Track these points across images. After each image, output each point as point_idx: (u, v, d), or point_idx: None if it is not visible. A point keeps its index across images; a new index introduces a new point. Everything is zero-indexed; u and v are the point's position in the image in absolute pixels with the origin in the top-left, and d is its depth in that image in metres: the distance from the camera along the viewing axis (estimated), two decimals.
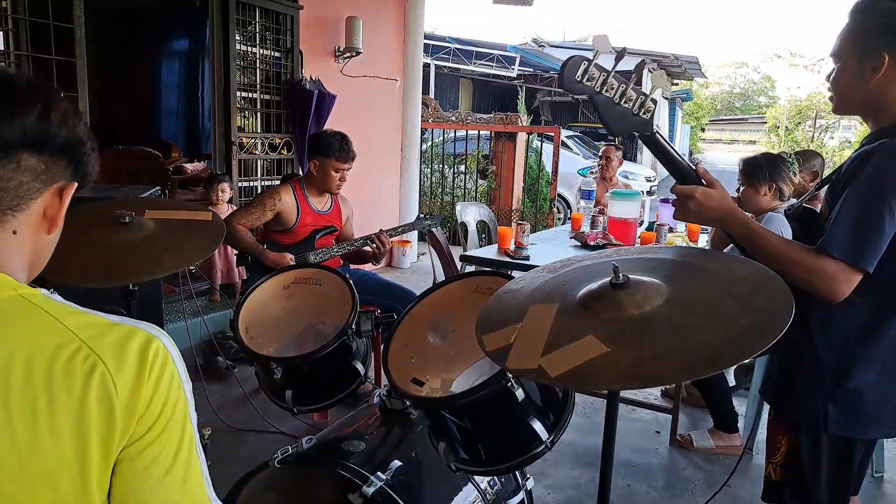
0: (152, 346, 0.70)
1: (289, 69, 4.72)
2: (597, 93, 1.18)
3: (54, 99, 0.72)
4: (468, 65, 12.64)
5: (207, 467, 0.76)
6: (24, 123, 0.68)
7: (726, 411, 2.85)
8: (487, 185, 7.88)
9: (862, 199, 1.21)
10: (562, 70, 1.16)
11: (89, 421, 0.66)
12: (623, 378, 0.95)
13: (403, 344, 1.54)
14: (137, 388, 0.68)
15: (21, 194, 0.70)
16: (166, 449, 0.70)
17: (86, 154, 0.76)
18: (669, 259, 1.26)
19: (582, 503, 2.42)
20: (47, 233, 0.75)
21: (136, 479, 0.69)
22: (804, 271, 1.22)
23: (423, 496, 1.51)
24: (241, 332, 1.74)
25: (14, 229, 0.71)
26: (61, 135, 0.72)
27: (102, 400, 0.66)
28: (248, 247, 2.88)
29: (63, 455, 0.65)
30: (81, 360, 0.66)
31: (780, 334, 0.93)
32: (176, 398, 0.71)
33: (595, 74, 1.17)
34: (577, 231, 3.76)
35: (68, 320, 0.69)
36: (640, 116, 1.22)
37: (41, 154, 0.70)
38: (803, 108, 24.11)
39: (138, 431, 0.69)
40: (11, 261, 0.71)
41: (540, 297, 1.22)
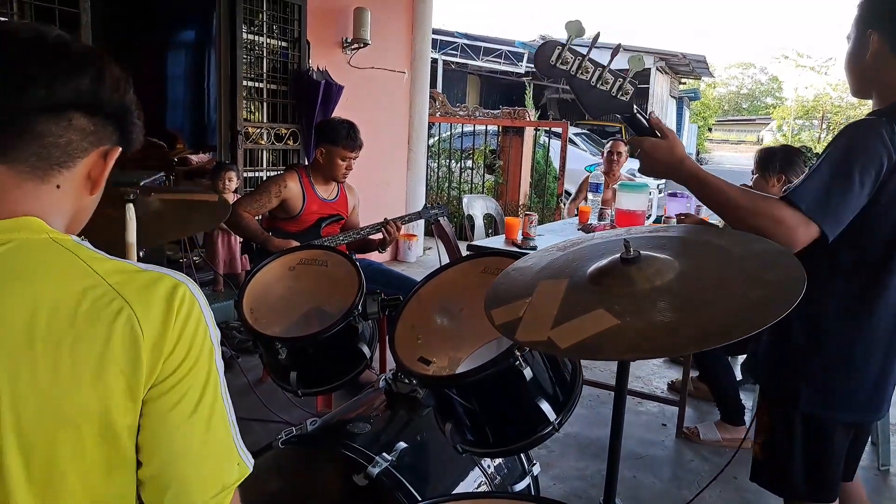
0: (179, 291, 0.72)
1: (296, 59, 4.70)
2: (572, 76, 1.19)
3: (108, 65, 0.76)
4: (476, 60, 12.61)
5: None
6: (80, 85, 0.72)
7: (733, 404, 2.82)
8: (494, 179, 7.86)
9: (832, 164, 1.21)
10: (536, 54, 1.17)
11: (113, 363, 0.67)
12: (632, 349, 0.94)
13: (410, 325, 1.53)
14: (163, 330, 0.70)
15: (69, 151, 0.73)
16: (191, 391, 0.72)
17: (132, 122, 0.80)
18: (680, 236, 1.24)
19: (588, 494, 2.40)
20: (90, 193, 0.78)
21: (161, 420, 0.70)
22: (762, 217, 1.20)
23: (429, 478, 1.49)
24: (246, 312, 1.73)
25: (59, 184, 0.74)
26: (112, 100, 0.75)
27: (128, 342, 0.68)
28: (253, 233, 2.86)
29: (85, 397, 0.67)
30: (107, 303, 0.68)
31: (791, 306, 0.92)
32: (202, 343, 0.73)
33: (569, 59, 1.18)
34: (584, 223, 3.74)
35: (97, 265, 0.71)
36: (619, 99, 1.23)
37: (92, 116, 0.74)
38: (810, 109, 23.99)
39: (164, 373, 0.70)
40: (51, 213, 0.74)
41: (549, 273, 1.20)
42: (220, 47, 4.30)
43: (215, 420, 0.73)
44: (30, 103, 0.69)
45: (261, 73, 4.56)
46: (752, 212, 1.21)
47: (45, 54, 0.71)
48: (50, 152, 0.71)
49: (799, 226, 1.18)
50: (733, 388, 2.84)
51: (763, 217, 1.20)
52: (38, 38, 0.71)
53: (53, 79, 0.70)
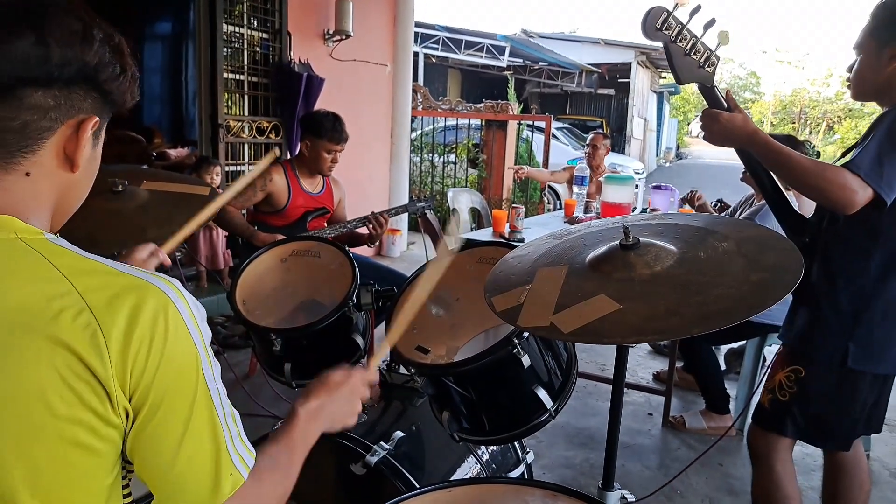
0: (152, 301, 0.64)
1: (277, 51, 4.65)
2: (672, 42, 1.30)
3: (52, 16, 0.62)
4: (457, 54, 12.58)
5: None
6: (17, 54, 0.59)
7: (718, 393, 2.86)
8: (478, 174, 7.86)
9: (881, 140, 1.37)
10: (645, 17, 1.26)
11: (81, 377, 0.61)
12: (635, 332, 0.95)
13: None
14: (128, 341, 0.62)
15: (28, 134, 0.63)
16: (176, 408, 0.66)
17: (108, 80, 0.67)
18: (677, 223, 1.25)
19: (577, 482, 2.42)
20: (70, 171, 0.68)
21: (149, 438, 0.66)
22: (825, 180, 1.35)
23: (426, 466, 1.49)
24: (239, 304, 1.71)
25: (27, 171, 0.65)
26: (69, 62, 0.62)
27: (94, 357, 0.61)
28: (239, 228, 2.83)
29: (51, 407, 0.61)
30: (74, 314, 0.61)
31: (790, 289, 0.95)
32: (182, 353, 0.66)
33: (672, 24, 1.27)
34: (570, 216, 3.76)
35: (67, 269, 0.64)
36: (706, 69, 1.37)
37: (48, 88, 0.62)
38: (787, 104, 24.36)
39: (140, 388, 0.64)
40: (25, 205, 0.66)
41: (548, 261, 1.21)
42: (199, 39, 4.24)
43: (206, 434, 0.68)
44: None
45: (241, 66, 4.50)
46: (818, 175, 1.35)
47: None
48: (5, 139, 0.62)
49: (858, 189, 1.33)
50: (718, 378, 2.88)
51: (827, 180, 1.35)
52: None
53: None
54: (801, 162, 1.38)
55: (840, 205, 1.35)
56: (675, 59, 1.32)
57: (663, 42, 1.29)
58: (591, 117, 16.69)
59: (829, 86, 22.83)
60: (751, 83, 38.75)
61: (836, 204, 1.36)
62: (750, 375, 2.84)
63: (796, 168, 1.38)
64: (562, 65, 15.09)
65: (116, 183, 1.62)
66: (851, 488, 1.68)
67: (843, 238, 1.49)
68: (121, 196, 1.63)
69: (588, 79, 16.24)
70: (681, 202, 3.63)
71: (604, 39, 16.89)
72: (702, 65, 1.35)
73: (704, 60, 1.35)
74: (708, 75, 1.37)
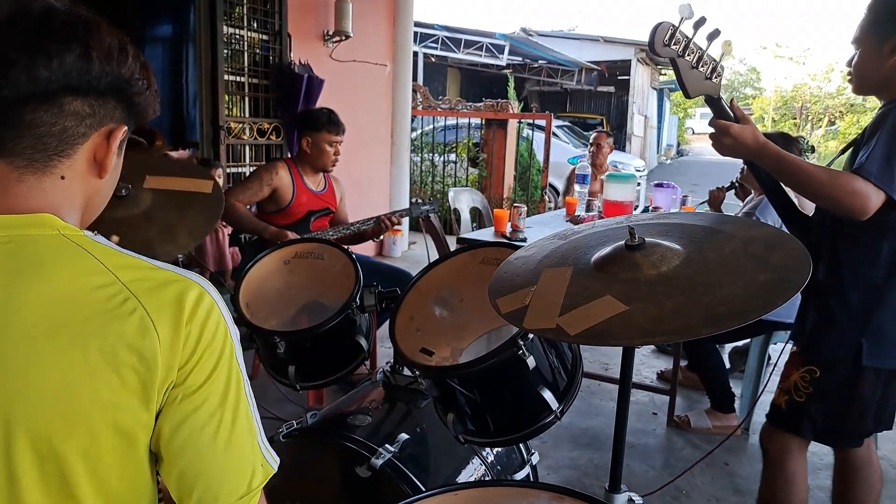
0: (193, 292, 0.69)
1: (277, 53, 4.65)
2: (679, 56, 1.28)
3: (95, 33, 0.68)
4: (456, 53, 12.57)
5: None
6: (63, 65, 0.65)
7: (723, 392, 2.85)
8: (478, 173, 7.85)
9: (888, 140, 1.36)
10: (652, 34, 1.25)
11: (126, 362, 0.65)
12: (643, 333, 0.94)
13: (409, 316, 1.52)
14: (177, 332, 0.67)
15: (66, 139, 0.68)
16: (214, 393, 0.70)
17: (137, 93, 0.72)
18: (682, 223, 1.25)
19: (582, 483, 2.41)
20: (98, 177, 0.73)
21: (184, 423, 0.68)
22: (837, 189, 1.35)
23: (431, 469, 1.49)
24: (242, 307, 1.70)
25: (62, 174, 0.70)
26: (105, 74, 0.68)
27: (141, 342, 0.65)
28: (248, 223, 2.79)
29: (97, 393, 0.64)
30: (120, 302, 0.65)
31: (800, 288, 0.94)
32: (221, 343, 0.70)
33: (680, 39, 1.26)
34: (572, 215, 3.75)
35: (110, 262, 0.68)
36: (713, 81, 1.36)
37: (85, 96, 0.68)
38: (788, 100, 24.31)
39: (182, 375, 0.68)
40: (60, 205, 0.70)
41: (552, 261, 1.20)
42: (200, 41, 4.24)
43: (239, 422, 0.71)
44: (12, 92, 0.64)
45: (242, 68, 4.50)
46: (830, 184, 1.36)
47: (24, 33, 0.64)
48: (45, 143, 0.67)
49: (871, 194, 1.33)
50: (723, 377, 2.87)
51: (840, 188, 1.35)
52: (18, 13, 0.65)
53: (33, 61, 0.63)
54: (812, 172, 1.38)
55: (854, 212, 1.35)
56: (682, 74, 1.31)
57: (671, 58, 1.28)
58: (591, 115, 16.67)
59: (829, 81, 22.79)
60: (751, 79, 38.70)
61: (851, 211, 1.36)
62: (755, 374, 2.83)
63: (807, 178, 1.38)
64: (561, 63, 15.07)
65: (120, 187, 1.61)
66: (863, 487, 1.67)
67: (849, 235, 1.48)
68: (125, 201, 1.62)
69: (588, 76, 16.22)
70: (681, 201, 3.61)
71: (603, 37, 16.86)
72: (708, 76, 1.35)
73: (711, 72, 1.34)
74: (714, 87, 1.37)
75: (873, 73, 1.46)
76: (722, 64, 1.35)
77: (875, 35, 1.44)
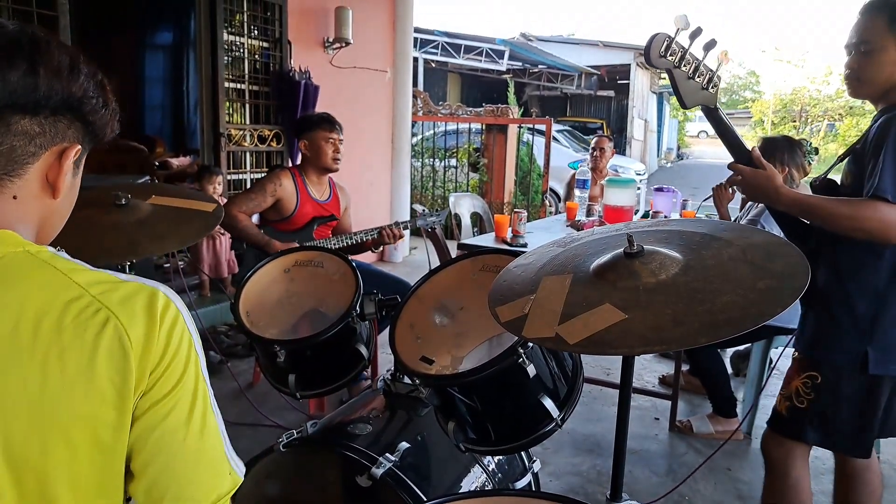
0: (160, 301, 0.69)
1: (277, 60, 4.66)
2: (676, 67, 1.29)
3: (44, 50, 0.66)
4: (456, 58, 12.60)
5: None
6: (7, 83, 0.63)
7: (725, 396, 2.85)
8: (479, 178, 7.85)
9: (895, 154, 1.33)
10: (647, 45, 1.25)
11: (102, 373, 0.64)
12: (642, 342, 0.94)
13: (409, 324, 1.51)
14: (149, 340, 0.67)
15: (15, 159, 0.67)
16: (182, 400, 0.69)
17: (91, 111, 0.71)
18: (681, 230, 1.24)
19: (584, 489, 2.40)
20: (52, 197, 0.72)
21: (153, 430, 0.68)
22: (863, 220, 1.34)
23: (432, 477, 1.48)
24: (242, 316, 1.70)
25: (14, 194, 0.69)
26: (56, 92, 0.67)
27: (116, 352, 0.65)
28: (253, 237, 2.75)
29: (75, 407, 0.64)
30: (92, 314, 0.65)
31: (798, 295, 0.94)
32: (187, 351, 0.70)
33: (676, 50, 1.26)
34: (572, 220, 3.75)
35: (77, 276, 0.67)
36: (709, 91, 1.36)
37: (34, 115, 0.66)
38: (788, 103, 24.31)
39: (152, 383, 0.68)
40: (14, 226, 0.69)
41: (552, 269, 1.20)
42: (200, 49, 4.25)
43: (207, 428, 0.71)
44: None
45: (242, 75, 4.51)
46: (855, 218, 1.35)
47: None
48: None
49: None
50: (725, 381, 2.86)
51: (866, 220, 1.34)
52: None
53: None
54: (832, 209, 1.37)
55: (884, 238, 1.35)
56: (679, 85, 1.31)
57: (667, 68, 1.29)
58: (591, 119, 16.69)
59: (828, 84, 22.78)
60: (750, 82, 38.73)
61: (881, 238, 1.35)
62: (756, 378, 2.83)
63: (828, 216, 1.38)
64: (561, 67, 15.10)
65: (119, 196, 1.62)
66: (864, 492, 1.66)
67: (851, 241, 1.46)
68: (123, 210, 1.63)
69: (587, 81, 16.25)
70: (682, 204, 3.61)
71: (602, 41, 16.89)
72: (705, 87, 1.35)
73: (707, 82, 1.34)
74: (711, 97, 1.37)
75: (880, 76, 1.43)
76: (719, 74, 1.35)
77: (886, 37, 1.40)
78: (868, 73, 1.46)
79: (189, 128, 6.60)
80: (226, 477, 0.72)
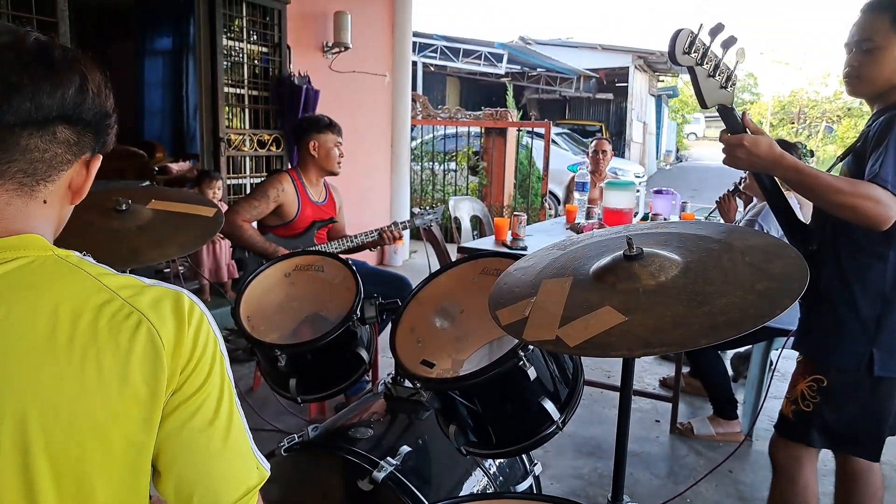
0: (187, 304, 0.73)
1: (277, 64, 4.67)
2: (698, 64, 1.27)
3: (91, 71, 0.73)
4: (455, 62, 12.63)
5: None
6: (65, 95, 0.69)
7: (726, 398, 2.85)
8: (479, 181, 7.86)
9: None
10: (672, 41, 1.24)
11: (137, 373, 0.67)
12: (642, 344, 0.94)
13: (410, 328, 1.52)
14: (179, 340, 0.70)
15: (54, 165, 0.71)
16: (210, 398, 0.72)
17: (110, 126, 0.77)
18: (680, 232, 1.25)
19: (586, 492, 2.40)
20: (70, 202, 0.77)
21: (182, 427, 0.70)
22: (859, 197, 1.33)
23: (433, 481, 1.48)
24: (243, 320, 1.70)
25: (45, 199, 0.73)
26: (94, 108, 0.72)
27: (150, 353, 0.68)
28: (258, 247, 2.71)
29: (112, 405, 0.66)
30: (125, 317, 0.68)
31: (797, 297, 0.94)
32: (213, 351, 0.73)
33: (699, 47, 1.25)
34: (572, 223, 3.75)
35: (106, 280, 0.70)
36: (727, 90, 1.34)
37: (75, 126, 0.71)
38: (786, 105, 24.34)
39: (181, 382, 0.70)
40: (42, 229, 0.72)
41: (552, 272, 1.20)
42: (200, 54, 4.26)
43: (234, 424, 0.74)
44: (14, 117, 0.66)
45: (242, 80, 4.52)
46: (851, 193, 1.33)
47: (26, 61, 0.67)
48: (36, 168, 0.69)
49: (892, 204, 1.32)
50: (725, 383, 2.86)
51: (861, 197, 1.33)
52: (16, 41, 0.68)
53: (38, 89, 0.66)
54: (831, 182, 1.35)
55: (875, 221, 1.33)
56: (700, 83, 1.29)
57: (689, 66, 1.26)
58: (590, 122, 16.71)
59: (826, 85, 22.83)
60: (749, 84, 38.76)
61: (872, 220, 1.33)
62: (757, 380, 2.83)
63: (826, 188, 1.35)
64: (559, 70, 15.13)
65: (120, 202, 1.62)
66: (865, 493, 1.66)
67: (855, 242, 1.45)
68: (123, 215, 1.63)
69: (586, 84, 16.28)
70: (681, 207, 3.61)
71: (601, 44, 16.92)
72: (723, 85, 1.33)
73: (726, 81, 1.32)
74: (729, 96, 1.34)
75: (881, 75, 1.43)
76: (736, 73, 1.33)
77: (888, 35, 1.40)
78: (868, 72, 1.46)
79: (189, 133, 6.60)
80: (253, 471, 0.75)
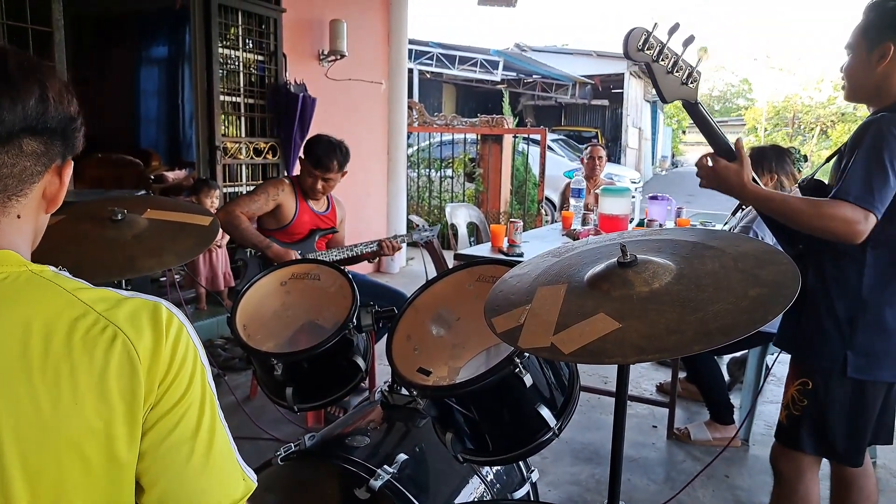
0: (164, 315, 0.71)
1: (273, 72, 4.68)
2: (654, 61, 1.29)
3: (50, 78, 0.71)
4: (451, 69, 12.67)
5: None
6: (25, 108, 0.67)
7: (722, 404, 2.85)
8: (475, 188, 7.88)
9: (867, 155, 1.37)
10: (625, 39, 1.26)
11: (113, 388, 0.66)
12: (637, 351, 0.95)
13: (406, 335, 1.52)
14: (156, 353, 0.68)
15: (25, 179, 0.70)
16: (190, 410, 0.71)
17: (77, 130, 0.75)
18: (674, 239, 1.26)
19: (584, 498, 2.40)
20: (46, 211, 0.76)
21: (163, 442, 0.69)
22: (825, 219, 1.36)
23: (431, 489, 1.48)
24: (239, 329, 1.70)
25: (18, 213, 0.71)
26: (58, 115, 0.71)
27: (126, 367, 0.66)
28: (252, 238, 2.74)
29: (88, 422, 0.65)
30: (100, 331, 0.67)
31: (789, 303, 0.95)
32: (193, 363, 0.72)
33: (653, 44, 1.27)
34: (568, 229, 3.77)
35: (81, 294, 0.69)
36: (689, 86, 1.36)
37: (40, 136, 0.70)
38: (780, 110, 24.43)
39: (160, 395, 0.69)
40: (17, 244, 0.71)
41: (547, 279, 1.21)
42: (196, 62, 4.26)
43: (217, 437, 0.72)
44: None
45: (237, 88, 4.52)
46: (818, 215, 1.37)
47: None
48: (6, 184, 0.68)
49: (860, 220, 1.34)
50: (722, 388, 2.87)
51: (829, 218, 1.36)
52: None
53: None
54: (796, 206, 1.39)
55: (846, 238, 1.36)
56: (658, 79, 1.32)
57: (645, 62, 1.30)
58: (586, 128, 16.78)
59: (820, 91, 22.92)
60: (743, 90, 38.96)
61: (843, 238, 1.36)
62: (753, 385, 2.83)
63: (792, 213, 1.39)
64: (555, 77, 15.19)
65: (116, 212, 1.62)
66: (859, 499, 1.66)
67: (833, 246, 1.46)
68: (119, 225, 1.63)
69: (582, 90, 16.35)
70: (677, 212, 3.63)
71: (596, 51, 17.00)
72: (684, 82, 1.35)
73: (687, 77, 1.35)
74: (691, 92, 1.37)
75: (863, 79, 1.48)
76: (699, 70, 1.36)
77: (865, 41, 1.45)
78: (848, 75, 1.52)
79: (185, 141, 6.60)
80: (239, 482, 0.74)
